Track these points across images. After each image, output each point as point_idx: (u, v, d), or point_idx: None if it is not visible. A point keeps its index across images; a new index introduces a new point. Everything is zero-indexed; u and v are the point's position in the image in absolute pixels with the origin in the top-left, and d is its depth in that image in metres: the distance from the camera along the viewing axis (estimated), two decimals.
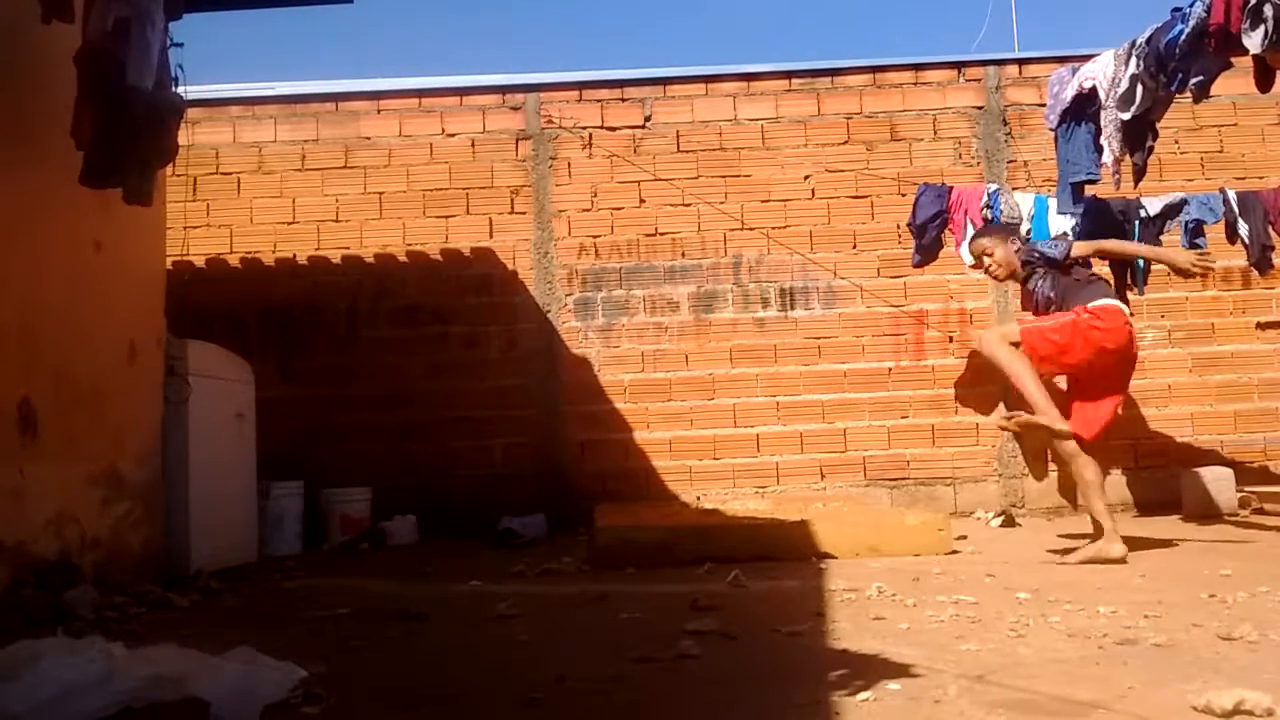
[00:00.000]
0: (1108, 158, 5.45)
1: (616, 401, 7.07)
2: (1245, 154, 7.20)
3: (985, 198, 6.43)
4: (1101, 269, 6.50)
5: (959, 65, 7.37)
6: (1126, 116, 5.26)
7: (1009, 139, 7.25)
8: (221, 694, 2.20)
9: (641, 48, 25.26)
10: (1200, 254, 4.94)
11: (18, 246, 3.99)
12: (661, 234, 7.21)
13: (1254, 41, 4.41)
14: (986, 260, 4.99)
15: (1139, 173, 5.52)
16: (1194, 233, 6.28)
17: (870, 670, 2.46)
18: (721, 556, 4.65)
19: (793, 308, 7.12)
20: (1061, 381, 4.99)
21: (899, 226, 6.97)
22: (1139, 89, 5.20)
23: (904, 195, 6.97)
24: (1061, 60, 6.44)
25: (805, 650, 2.83)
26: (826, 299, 7.12)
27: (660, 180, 7.23)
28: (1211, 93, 5.00)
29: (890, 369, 7.08)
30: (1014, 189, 6.78)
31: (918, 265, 6.66)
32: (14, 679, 2.14)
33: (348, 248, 7.18)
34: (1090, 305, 4.58)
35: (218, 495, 5.22)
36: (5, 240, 3.92)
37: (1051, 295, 4.78)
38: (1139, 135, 5.37)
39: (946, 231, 6.58)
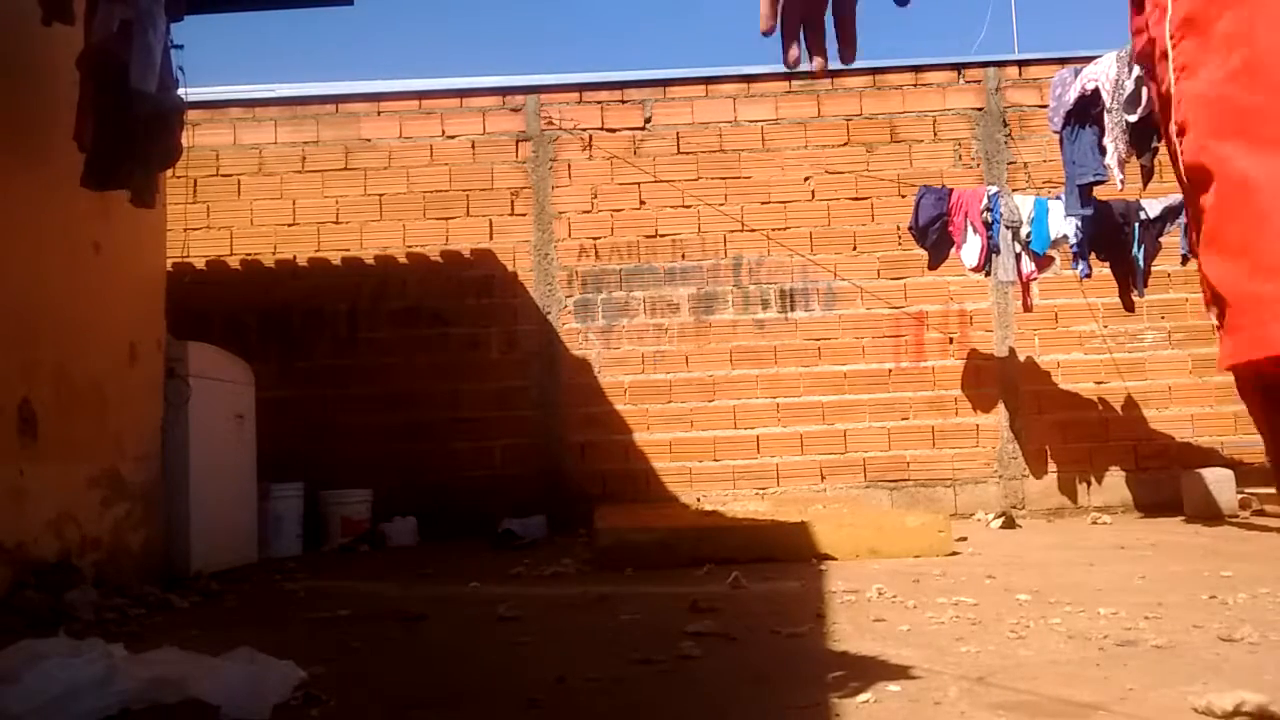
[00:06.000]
0: (1111, 159, 5.46)
1: (616, 403, 7.07)
2: None
3: (985, 200, 6.44)
4: (1101, 269, 6.53)
5: (959, 67, 7.37)
6: (1134, 118, 5.27)
7: (1009, 140, 7.26)
8: (229, 695, 2.20)
9: (641, 49, 25.28)
10: None
11: (17, 248, 3.99)
12: (661, 235, 7.21)
13: None
14: None
15: (1147, 174, 5.53)
16: None
17: (870, 672, 2.46)
18: (722, 558, 4.66)
19: (793, 309, 7.12)
20: None
21: (899, 228, 6.98)
22: (1144, 91, 5.20)
23: (904, 197, 6.98)
24: (1062, 62, 6.46)
25: (805, 652, 2.83)
26: (826, 300, 7.13)
27: (660, 182, 7.24)
28: None
29: (890, 370, 7.08)
30: (1014, 190, 6.79)
31: (933, 267, 6.64)
32: (15, 680, 2.14)
33: (348, 249, 7.19)
34: None
35: (218, 496, 5.22)
36: (5, 242, 3.92)
37: None
38: (1145, 136, 5.37)
39: (947, 232, 6.57)
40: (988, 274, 6.57)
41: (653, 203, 7.24)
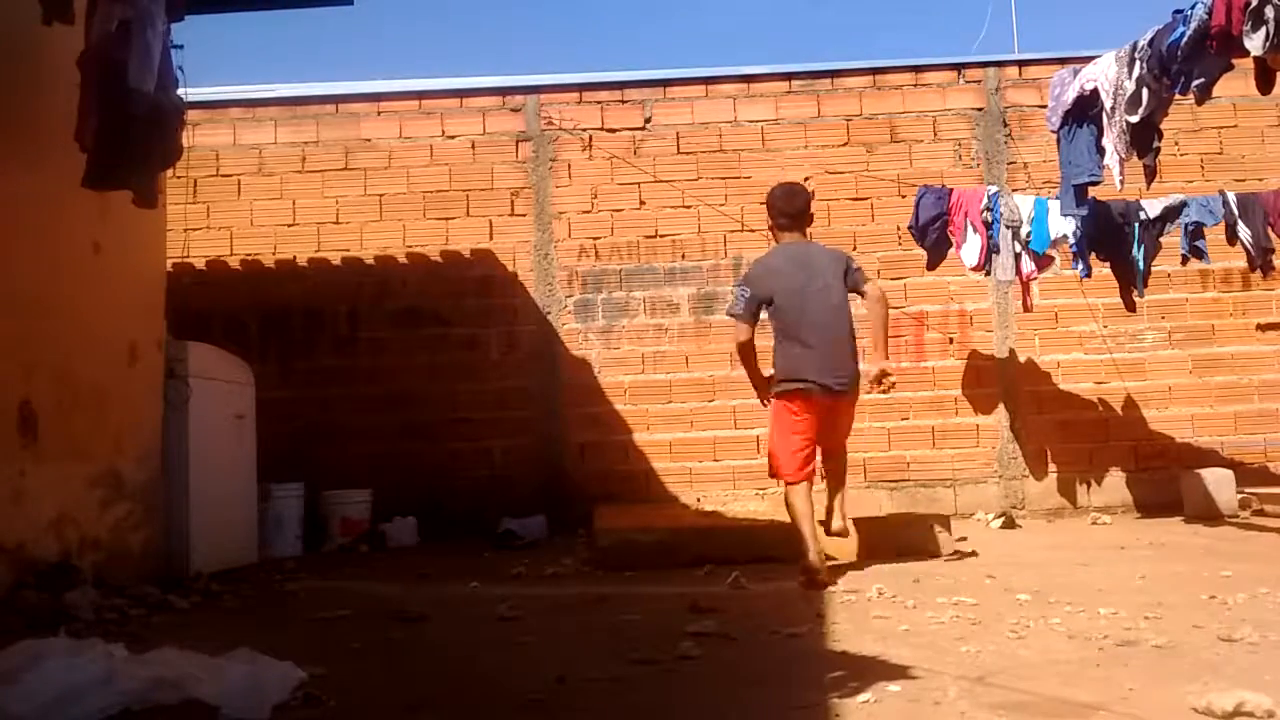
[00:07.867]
0: (1110, 159, 5.45)
1: (616, 403, 7.06)
2: (1245, 155, 7.20)
3: (985, 200, 6.43)
4: (1101, 269, 6.53)
5: (959, 67, 7.37)
6: (1135, 119, 5.26)
7: (1009, 140, 7.25)
8: (228, 695, 2.20)
9: (641, 49, 25.27)
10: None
11: (18, 249, 3.99)
12: (662, 235, 7.20)
13: (1255, 43, 4.41)
14: None
15: (1150, 173, 5.54)
16: (1194, 235, 6.28)
17: (870, 672, 2.46)
18: (722, 558, 4.65)
19: None
20: None
21: (899, 228, 6.96)
22: (1145, 92, 5.20)
23: (904, 197, 6.97)
24: (1062, 62, 6.44)
25: (805, 652, 2.83)
26: None
27: (660, 182, 7.23)
28: (1212, 94, 5.00)
29: None
30: (1014, 190, 6.78)
31: (931, 268, 6.64)
32: (15, 681, 2.14)
33: (348, 249, 7.18)
34: None
35: (218, 497, 5.21)
36: (5, 242, 3.92)
37: None
38: (1146, 137, 5.37)
39: (947, 232, 6.57)
40: (988, 274, 6.57)
41: (653, 203, 7.23)
